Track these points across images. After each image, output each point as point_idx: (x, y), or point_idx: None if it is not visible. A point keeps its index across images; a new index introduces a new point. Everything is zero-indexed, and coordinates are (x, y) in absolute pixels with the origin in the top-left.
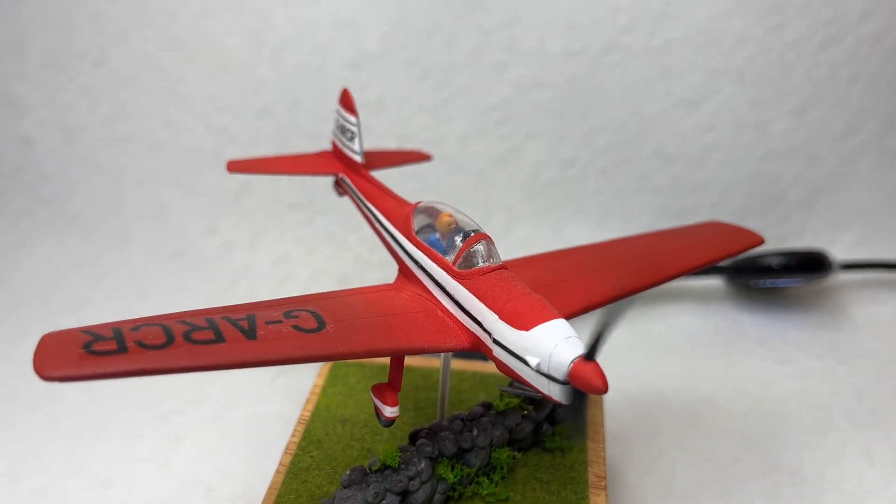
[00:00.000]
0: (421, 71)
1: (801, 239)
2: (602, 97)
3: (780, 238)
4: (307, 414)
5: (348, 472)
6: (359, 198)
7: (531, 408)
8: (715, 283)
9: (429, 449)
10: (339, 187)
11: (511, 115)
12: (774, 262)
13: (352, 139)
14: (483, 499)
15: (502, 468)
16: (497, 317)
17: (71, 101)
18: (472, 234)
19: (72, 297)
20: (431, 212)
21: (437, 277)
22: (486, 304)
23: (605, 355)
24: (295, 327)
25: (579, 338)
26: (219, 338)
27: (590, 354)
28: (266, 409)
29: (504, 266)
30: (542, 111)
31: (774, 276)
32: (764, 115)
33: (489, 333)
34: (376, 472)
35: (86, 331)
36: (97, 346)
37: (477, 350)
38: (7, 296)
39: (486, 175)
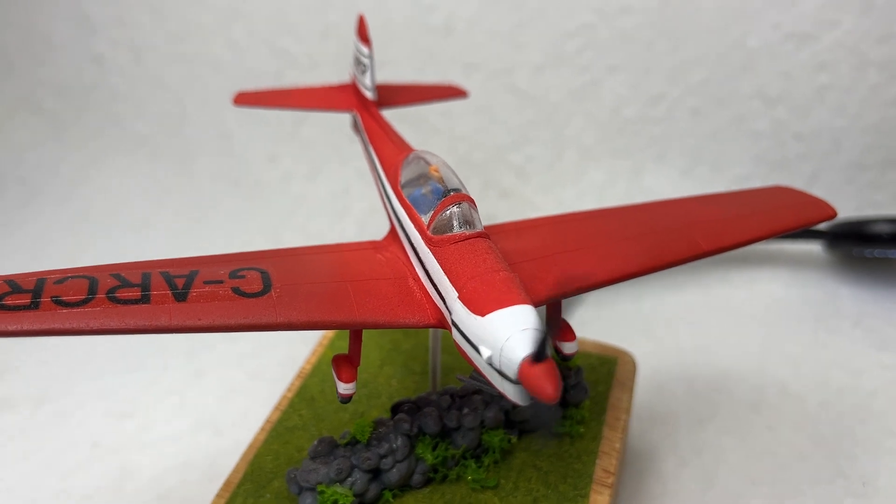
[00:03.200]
0: None
1: None
2: (698, 26)
3: None
4: (308, 367)
5: (316, 443)
6: (363, 139)
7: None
8: (814, 248)
9: (406, 426)
10: (355, 127)
11: (592, 44)
12: (885, 229)
13: (364, 73)
14: (468, 484)
15: (494, 452)
16: (456, 295)
17: (139, 19)
18: (451, 194)
19: (134, 217)
20: (421, 163)
21: (412, 240)
22: (450, 279)
23: (670, 319)
24: (235, 290)
25: (542, 331)
26: (144, 298)
27: (538, 355)
28: (301, 351)
29: (483, 235)
30: (627, 40)
31: (883, 246)
32: (894, 53)
33: (449, 312)
34: (345, 446)
35: (8, 280)
36: (9, 300)
37: (443, 328)
38: (75, 212)
39: (561, 110)
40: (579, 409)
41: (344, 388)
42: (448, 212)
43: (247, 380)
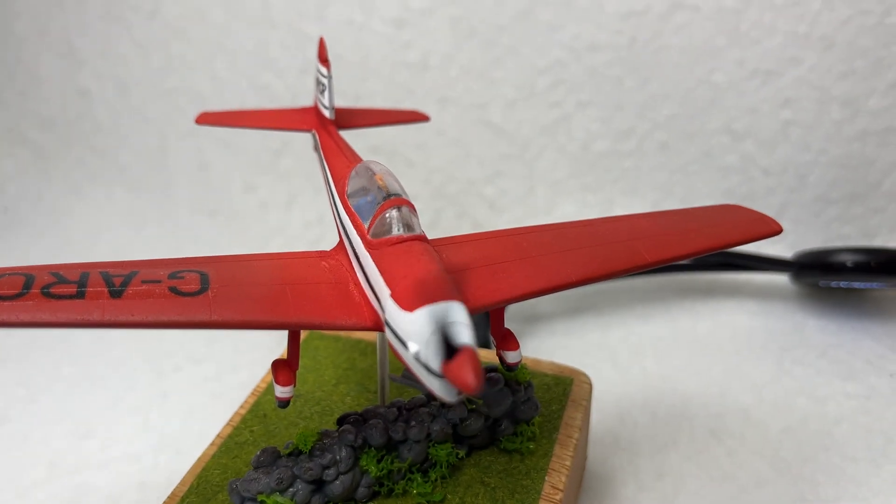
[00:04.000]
0: (468, 29)
1: None
2: (666, 63)
3: (869, 233)
4: (263, 385)
5: (259, 453)
6: (320, 156)
7: (480, 401)
8: (780, 279)
9: (351, 437)
10: (315, 147)
11: (563, 80)
12: (849, 259)
13: (322, 92)
14: (413, 499)
15: (441, 466)
16: (389, 293)
17: (125, 54)
18: (390, 198)
19: (113, 247)
20: (367, 173)
21: (354, 245)
22: (385, 278)
23: (636, 349)
24: (172, 289)
25: (469, 326)
26: (78, 294)
27: (451, 350)
28: (262, 373)
29: (421, 238)
30: (597, 76)
31: (848, 277)
32: (856, 90)
33: (383, 311)
34: (287, 456)
35: None
36: None
37: (379, 330)
38: (55, 240)
39: (533, 145)
40: (530, 426)
41: (280, 391)
42: (387, 214)
43: (209, 401)
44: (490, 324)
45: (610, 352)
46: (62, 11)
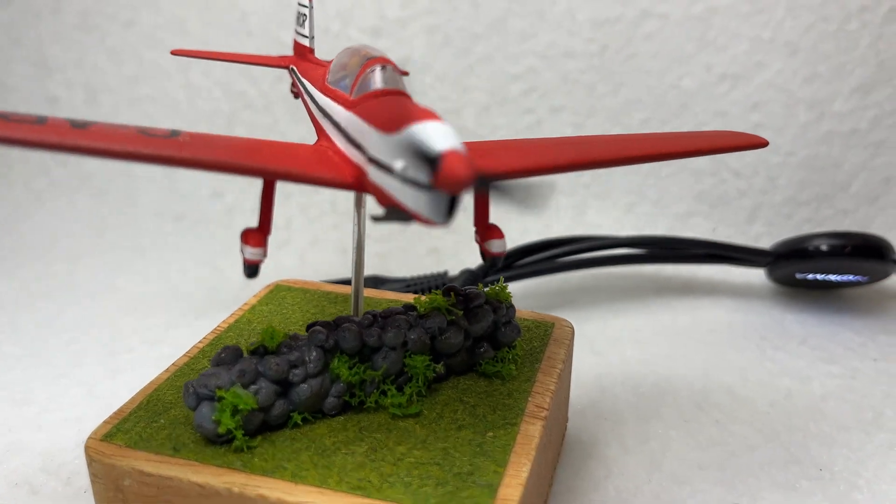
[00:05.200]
0: (442, 38)
1: None
2: (637, 69)
3: None
4: (224, 325)
5: (220, 351)
6: (299, 79)
7: (460, 312)
8: (756, 275)
9: (322, 336)
10: (293, 87)
11: (536, 87)
12: (824, 244)
13: (303, 23)
14: (387, 411)
15: (418, 381)
16: (374, 128)
17: (99, 62)
18: (370, 59)
19: (71, 251)
20: (348, 52)
21: (335, 117)
22: (369, 121)
23: (614, 339)
24: (141, 131)
25: (456, 137)
26: (39, 121)
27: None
28: None
29: (406, 94)
30: (570, 83)
31: (825, 265)
32: (820, 93)
33: (365, 152)
34: (251, 353)
35: None
36: None
37: (362, 190)
38: (9, 246)
39: None
40: (512, 350)
41: (250, 252)
42: (371, 70)
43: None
44: (474, 213)
45: (588, 340)
46: (37, 20)
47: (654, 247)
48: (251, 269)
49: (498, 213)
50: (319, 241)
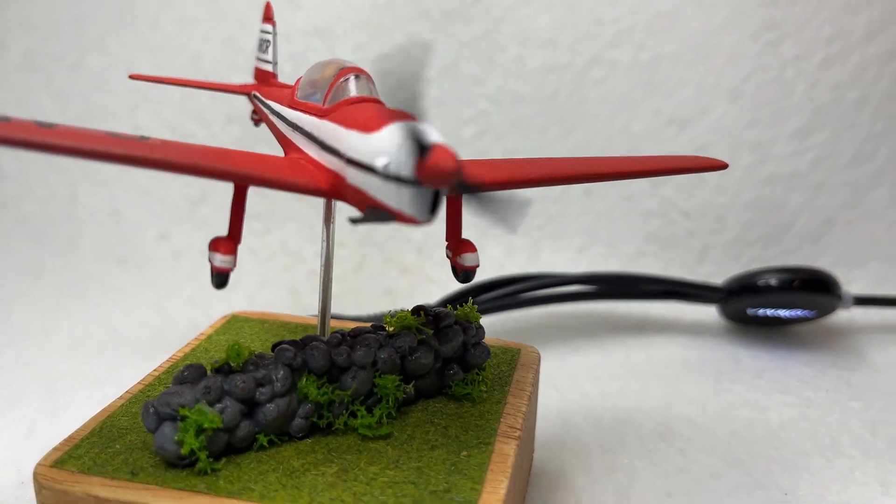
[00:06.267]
0: (395, 82)
1: None
2: (587, 113)
3: None
4: (180, 354)
5: (182, 369)
6: (263, 103)
7: (430, 331)
8: (708, 313)
9: (290, 354)
10: (254, 113)
11: (489, 129)
12: (773, 279)
13: (266, 50)
14: (357, 433)
15: (388, 402)
16: (351, 131)
17: (42, 103)
18: (344, 69)
19: (6, 291)
20: (318, 67)
21: (307, 128)
22: (345, 125)
23: (572, 375)
24: (110, 133)
25: (440, 134)
26: (2, 119)
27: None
28: None
29: (380, 102)
30: (521, 126)
31: (774, 300)
32: (763, 136)
33: (343, 155)
34: (215, 372)
35: None
36: None
37: (336, 196)
38: None
39: None
40: (482, 372)
41: (220, 259)
42: (345, 80)
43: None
44: (447, 227)
45: (547, 376)
46: None
47: (608, 284)
48: (220, 279)
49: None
50: (269, 283)
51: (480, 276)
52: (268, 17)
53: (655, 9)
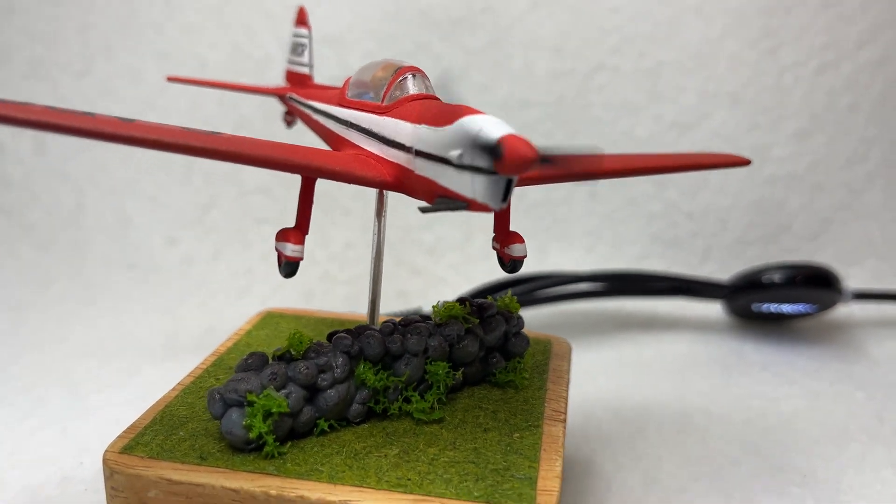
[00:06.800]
0: None
1: None
2: (591, 118)
3: None
4: (223, 349)
5: (246, 357)
6: (303, 104)
7: (476, 321)
8: (714, 310)
9: (347, 342)
10: (288, 115)
11: None
12: (777, 276)
13: (301, 53)
14: (412, 417)
15: (439, 387)
16: (420, 124)
17: None
18: (402, 68)
19: (9, 302)
20: (371, 67)
21: (365, 125)
22: (409, 120)
23: (586, 371)
24: (184, 128)
25: (509, 125)
26: (88, 113)
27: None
28: None
29: (437, 98)
30: (528, 130)
31: (778, 296)
32: (762, 140)
33: (410, 149)
34: (277, 358)
35: None
36: None
37: (400, 188)
38: None
39: None
40: (522, 360)
41: (292, 249)
42: (404, 78)
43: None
44: (495, 220)
45: None
46: None
47: (616, 281)
48: (291, 267)
49: (455, 258)
50: (283, 286)
51: (493, 277)
52: (302, 21)
53: (657, 17)
